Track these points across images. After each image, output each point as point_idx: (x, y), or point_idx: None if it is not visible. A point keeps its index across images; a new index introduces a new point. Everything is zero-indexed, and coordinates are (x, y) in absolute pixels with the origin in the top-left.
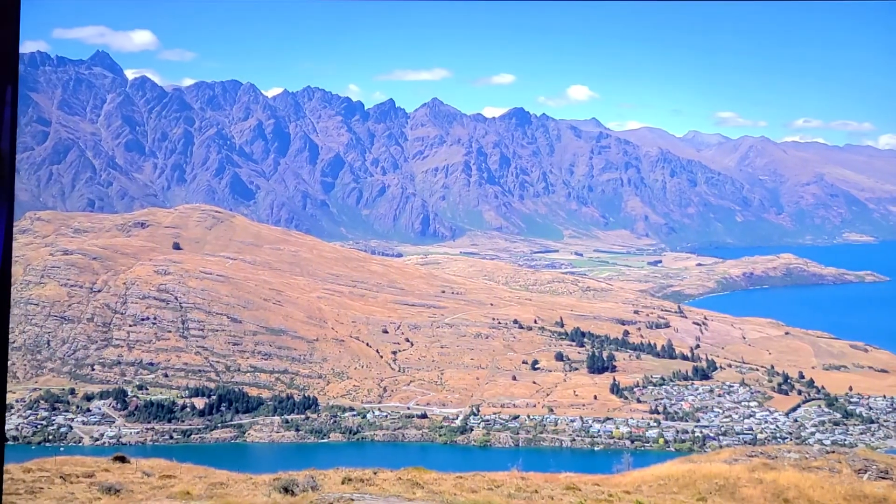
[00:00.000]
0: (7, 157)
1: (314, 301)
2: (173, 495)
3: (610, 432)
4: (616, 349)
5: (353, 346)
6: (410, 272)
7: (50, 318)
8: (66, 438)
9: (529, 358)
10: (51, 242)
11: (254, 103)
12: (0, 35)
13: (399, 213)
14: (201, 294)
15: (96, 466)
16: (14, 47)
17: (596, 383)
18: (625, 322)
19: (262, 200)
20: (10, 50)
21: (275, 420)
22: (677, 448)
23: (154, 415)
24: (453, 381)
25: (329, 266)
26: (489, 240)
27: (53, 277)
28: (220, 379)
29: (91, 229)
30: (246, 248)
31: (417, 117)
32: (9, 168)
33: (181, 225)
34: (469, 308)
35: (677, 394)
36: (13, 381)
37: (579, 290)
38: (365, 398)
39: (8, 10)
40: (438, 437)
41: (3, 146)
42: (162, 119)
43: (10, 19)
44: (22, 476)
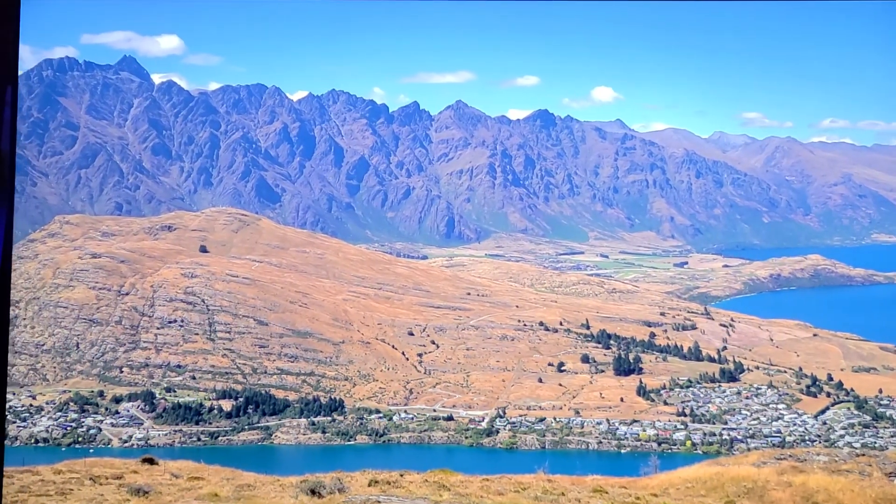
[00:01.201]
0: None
1: (340, 303)
2: (201, 497)
3: (636, 435)
4: (642, 351)
5: (378, 348)
6: (436, 274)
7: (79, 320)
8: (96, 440)
9: (555, 360)
10: (79, 246)
11: (279, 107)
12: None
13: (424, 216)
14: (228, 297)
15: (125, 468)
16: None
17: (622, 385)
18: (651, 324)
19: (287, 203)
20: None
21: (301, 422)
22: (705, 451)
23: (182, 417)
24: (479, 383)
25: (355, 268)
26: (514, 242)
27: (82, 280)
28: (247, 381)
29: (119, 232)
30: (272, 251)
31: (442, 120)
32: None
33: (208, 228)
34: (494, 310)
35: (704, 396)
36: (43, 383)
37: (605, 291)
38: (391, 400)
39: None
40: (464, 440)
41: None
42: (188, 123)
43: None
44: (52, 477)
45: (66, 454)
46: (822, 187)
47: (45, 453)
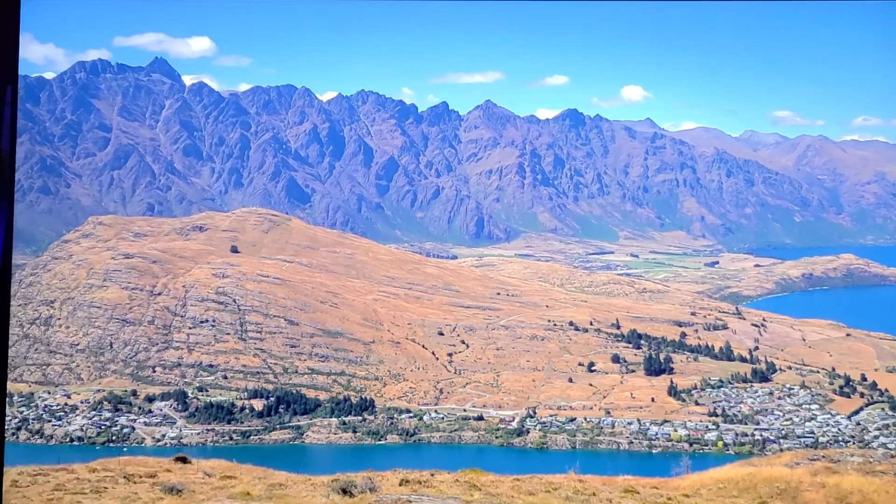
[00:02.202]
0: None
1: (370, 303)
2: (234, 496)
3: (668, 435)
4: (673, 351)
5: (409, 348)
6: (465, 274)
7: (112, 320)
8: (129, 439)
9: (585, 360)
10: (112, 246)
11: (309, 107)
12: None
13: (453, 216)
14: (259, 297)
15: (158, 467)
16: (14, 47)
17: (653, 385)
18: (682, 324)
19: (317, 204)
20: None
21: (332, 422)
22: (737, 451)
23: (214, 416)
24: (509, 383)
25: (384, 268)
26: (544, 241)
27: (115, 281)
28: (278, 381)
29: (151, 233)
30: (302, 251)
31: (471, 120)
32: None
33: (238, 228)
34: (524, 310)
35: (736, 396)
36: (78, 382)
37: (635, 291)
38: (421, 400)
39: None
40: (495, 440)
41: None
42: (219, 124)
43: (10, 19)
44: (87, 476)
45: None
46: (854, 186)
47: (79, 452)
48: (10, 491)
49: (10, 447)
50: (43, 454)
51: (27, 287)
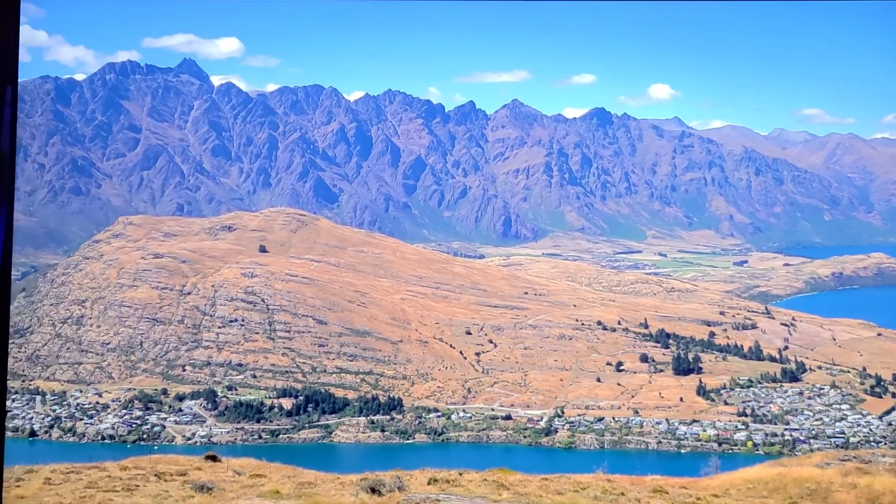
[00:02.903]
0: (7, 157)
1: (398, 303)
2: (263, 494)
3: (696, 435)
4: (702, 350)
5: (436, 347)
6: (493, 274)
7: (142, 319)
8: (160, 437)
9: (613, 359)
10: (142, 246)
11: (336, 107)
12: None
13: (481, 215)
14: (287, 296)
15: (189, 465)
16: (14, 47)
17: (682, 385)
18: (710, 323)
19: (345, 203)
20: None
21: (360, 421)
22: (766, 451)
23: (243, 415)
24: (537, 382)
25: (412, 268)
26: (571, 241)
27: (145, 280)
28: (307, 380)
29: (180, 233)
30: (330, 251)
31: (498, 119)
32: (9, 168)
33: (267, 228)
34: (552, 309)
35: (765, 396)
36: (109, 380)
37: (663, 290)
38: (449, 399)
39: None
40: (523, 439)
41: (3, 146)
42: (247, 124)
43: (10, 19)
44: (119, 474)
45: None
46: (885, 184)
47: (111, 450)
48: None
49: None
50: (75, 452)
51: (59, 286)
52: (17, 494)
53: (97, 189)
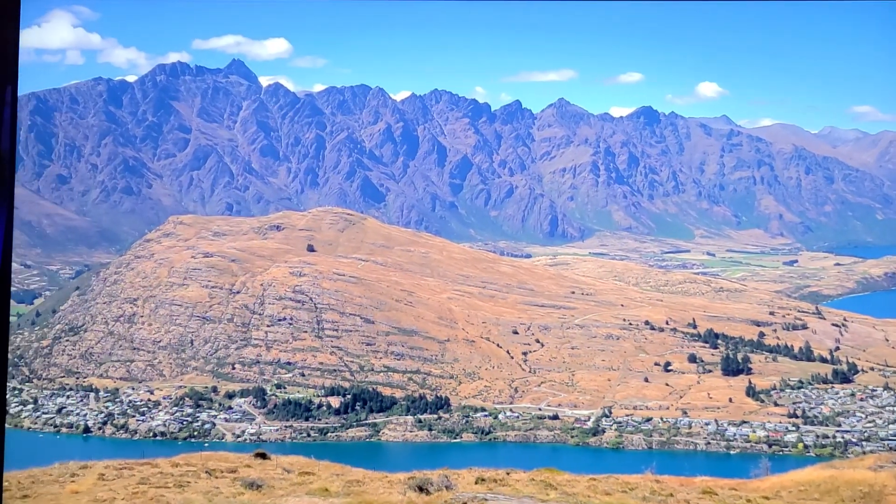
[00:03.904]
0: (7, 157)
1: (445, 302)
2: (312, 492)
3: (746, 436)
4: (751, 351)
5: (483, 346)
6: (539, 273)
7: (193, 318)
8: (210, 434)
9: (661, 359)
10: (192, 245)
11: (383, 107)
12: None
13: (527, 214)
14: (335, 295)
15: (239, 462)
16: (14, 47)
17: (731, 386)
18: (760, 323)
19: (392, 203)
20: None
21: (408, 419)
22: (817, 453)
23: (292, 413)
24: (584, 382)
25: (459, 267)
26: (618, 240)
27: (195, 279)
28: (355, 378)
29: (229, 232)
30: (377, 250)
31: (544, 118)
32: (9, 168)
33: (314, 227)
34: (599, 309)
35: (816, 397)
36: (160, 378)
37: (712, 290)
38: (496, 399)
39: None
40: (570, 439)
41: (3, 146)
42: (295, 124)
43: (10, 19)
44: (171, 470)
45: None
46: None
47: (162, 446)
48: (97, 484)
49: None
50: (127, 448)
51: (111, 285)
52: (71, 490)
53: (148, 189)
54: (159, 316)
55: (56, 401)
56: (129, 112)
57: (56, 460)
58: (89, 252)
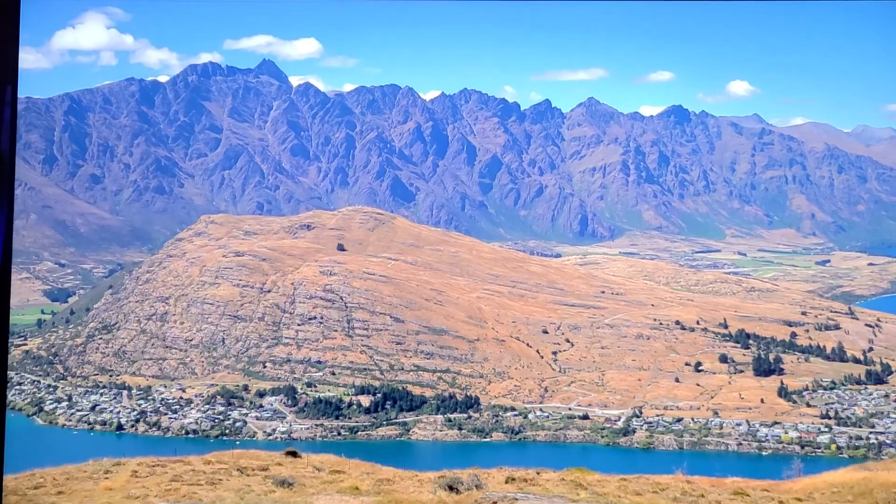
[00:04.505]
0: (7, 157)
1: (474, 301)
2: (343, 490)
3: (778, 437)
4: (783, 351)
5: (513, 346)
6: (569, 272)
7: (224, 316)
8: (241, 432)
9: (692, 359)
10: (224, 244)
11: (412, 107)
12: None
13: (557, 214)
14: (365, 294)
15: (270, 460)
16: (14, 47)
17: (762, 386)
18: (792, 323)
19: (421, 202)
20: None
21: (438, 419)
22: (851, 455)
23: (322, 411)
24: (615, 382)
25: (488, 266)
26: (649, 239)
27: (227, 278)
28: (385, 377)
29: (260, 231)
30: (407, 249)
31: (574, 117)
32: (9, 168)
33: (344, 227)
34: (629, 309)
35: (849, 398)
36: (192, 376)
37: (743, 290)
38: (526, 398)
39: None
40: (600, 439)
41: (3, 146)
42: (325, 124)
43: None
44: (203, 468)
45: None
46: None
47: (194, 444)
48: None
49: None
50: (160, 446)
51: (144, 284)
52: (105, 486)
53: (180, 188)
54: (191, 314)
55: (90, 398)
56: (161, 112)
57: (90, 457)
58: (122, 251)
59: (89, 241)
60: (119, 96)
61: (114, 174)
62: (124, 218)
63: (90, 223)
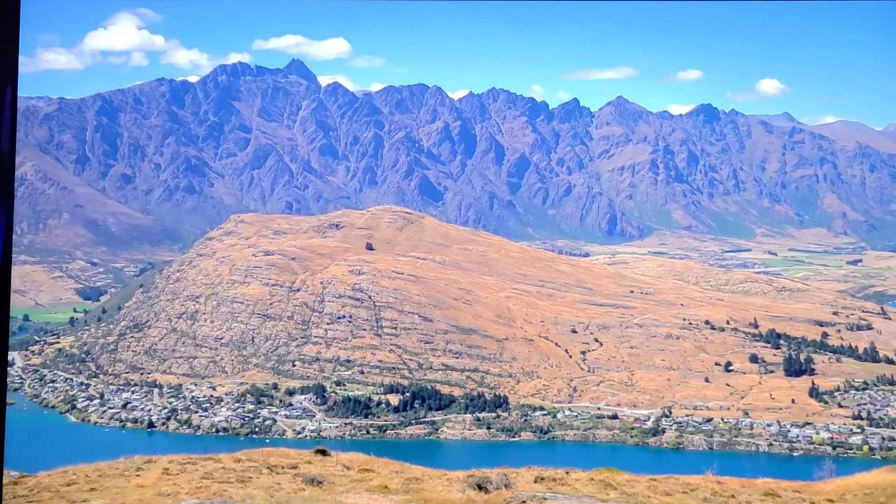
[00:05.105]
0: (7, 157)
1: (503, 300)
2: (372, 489)
3: (809, 438)
4: (814, 351)
5: (542, 345)
6: (598, 272)
7: (254, 315)
8: (271, 431)
9: (722, 359)
10: (253, 244)
11: (440, 106)
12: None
13: (585, 213)
14: (393, 293)
15: (299, 458)
16: (14, 47)
17: (793, 386)
18: (823, 323)
19: (449, 201)
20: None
21: (466, 418)
22: (883, 456)
23: (351, 410)
24: (644, 381)
25: (517, 266)
26: (678, 239)
27: (256, 277)
28: (413, 376)
29: (289, 231)
30: (435, 249)
31: (602, 116)
32: (9, 168)
33: (373, 226)
34: (658, 308)
35: (882, 399)
36: (222, 374)
37: (773, 290)
38: (555, 398)
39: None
40: (629, 439)
41: (3, 146)
42: (353, 124)
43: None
44: (233, 465)
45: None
46: None
47: (224, 442)
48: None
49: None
50: (191, 443)
51: (174, 283)
52: (137, 483)
53: (210, 188)
54: (221, 313)
55: (121, 396)
56: (191, 112)
57: (122, 454)
58: (153, 250)
59: (121, 240)
60: (150, 96)
61: (145, 174)
62: (155, 217)
63: (121, 222)
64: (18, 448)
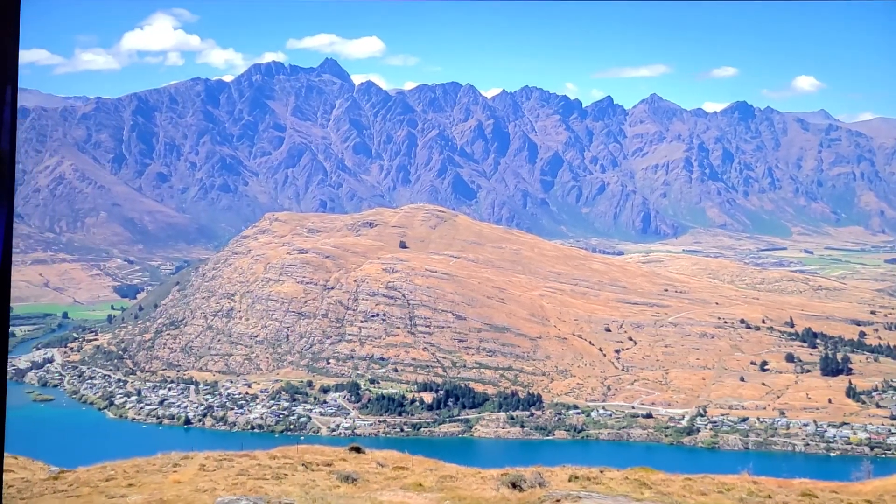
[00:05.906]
0: (7, 157)
1: (536, 299)
2: (406, 486)
3: (847, 438)
4: (851, 351)
5: (575, 344)
6: (632, 270)
7: (288, 313)
8: (306, 428)
9: (758, 359)
10: (287, 242)
11: (473, 104)
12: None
13: (619, 211)
14: (427, 291)
15: (334, 456)
16: (14, 47)
17: (830, 386)
18: (860, 323)
19: (483, 199)
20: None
21: (500, 416)
22: None
23: (385, 408)
24: (678, 380)
25: (550, 264)
26: (713, 237)
27: (291, 275)
28: (447, 374)
29: (323, 229)
30: (469, 247)
31: (636, 114)
32: (9, 168)
33: (407, 224)
34: (693, 307)
35: None
36: (257, 372)
37: (810, 289)
38: (588, 396)
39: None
40: (664, 438)
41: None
42: (387, 122)
43: (10, 20)
44: (268, 462)
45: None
46: None
47: (260, 439)
48: (198, 474)
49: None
50: (227, 440)
51: (210, 280)
52: (174, 479)
53: (244, 186)
54: (256, 311)
55: (158, 393)
56: (226, 111)
57: (159, 451)
58: (188, 248)
59: (157, 238)
60: (185, 96)
61: (180, 173)
62: (190, 216)
63: (157, 221)
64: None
